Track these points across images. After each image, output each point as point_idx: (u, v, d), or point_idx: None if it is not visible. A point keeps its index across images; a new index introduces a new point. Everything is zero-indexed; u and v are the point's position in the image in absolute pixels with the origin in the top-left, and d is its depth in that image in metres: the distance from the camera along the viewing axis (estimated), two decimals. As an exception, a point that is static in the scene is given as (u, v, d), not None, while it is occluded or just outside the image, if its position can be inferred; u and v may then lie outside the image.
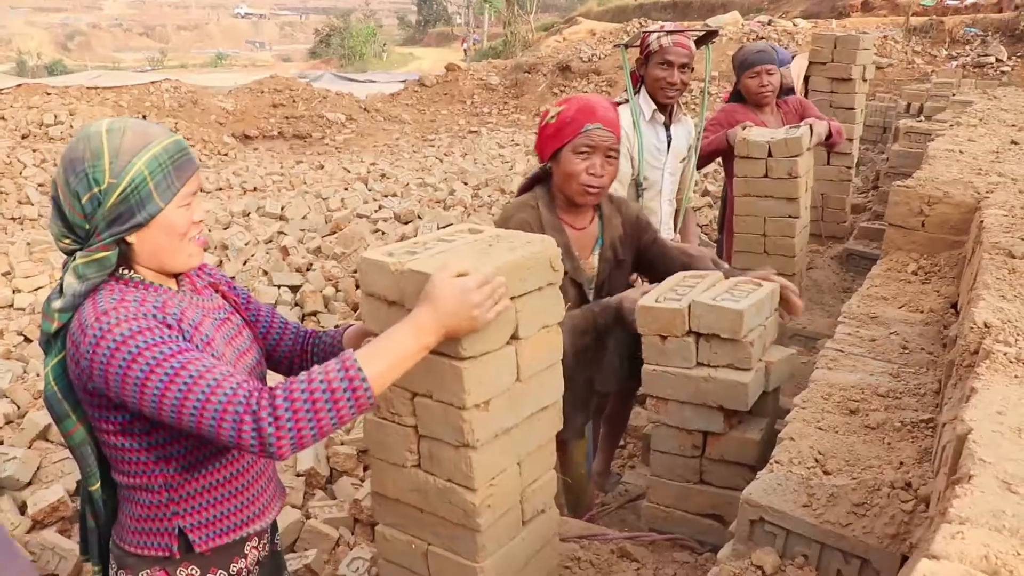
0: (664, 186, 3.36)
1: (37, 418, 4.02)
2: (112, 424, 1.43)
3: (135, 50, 72.14)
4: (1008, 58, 14.22)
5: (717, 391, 2.07)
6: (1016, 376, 1.46)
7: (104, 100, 15.71)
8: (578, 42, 21.72)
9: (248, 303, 1.72)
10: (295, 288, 6.06)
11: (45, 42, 69.09)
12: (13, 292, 6.67)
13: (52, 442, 3.97)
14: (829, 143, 3.93)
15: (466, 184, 9.64)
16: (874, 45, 6.02)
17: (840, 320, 2.56)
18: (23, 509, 3.29)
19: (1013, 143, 3.90)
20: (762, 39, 15.90)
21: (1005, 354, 1.53)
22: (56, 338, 1.42)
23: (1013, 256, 2.19)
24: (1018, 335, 1.65)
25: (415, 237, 4.75)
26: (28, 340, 5.78)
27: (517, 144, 14.10)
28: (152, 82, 17.33)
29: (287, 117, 16.94)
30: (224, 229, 8.11)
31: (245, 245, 7.33)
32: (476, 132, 16.47)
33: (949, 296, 2.67)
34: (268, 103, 17.29)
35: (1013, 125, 4.48)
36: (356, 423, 3.77)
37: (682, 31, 3.27)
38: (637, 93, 3.28)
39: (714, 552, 2.06)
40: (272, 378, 1.60)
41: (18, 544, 0.87)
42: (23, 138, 13.17)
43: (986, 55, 14.43)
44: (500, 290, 1.46)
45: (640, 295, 2.23)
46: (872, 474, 1.66)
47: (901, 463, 1.69)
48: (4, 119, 13.67)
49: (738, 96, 4.17)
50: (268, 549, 1.67)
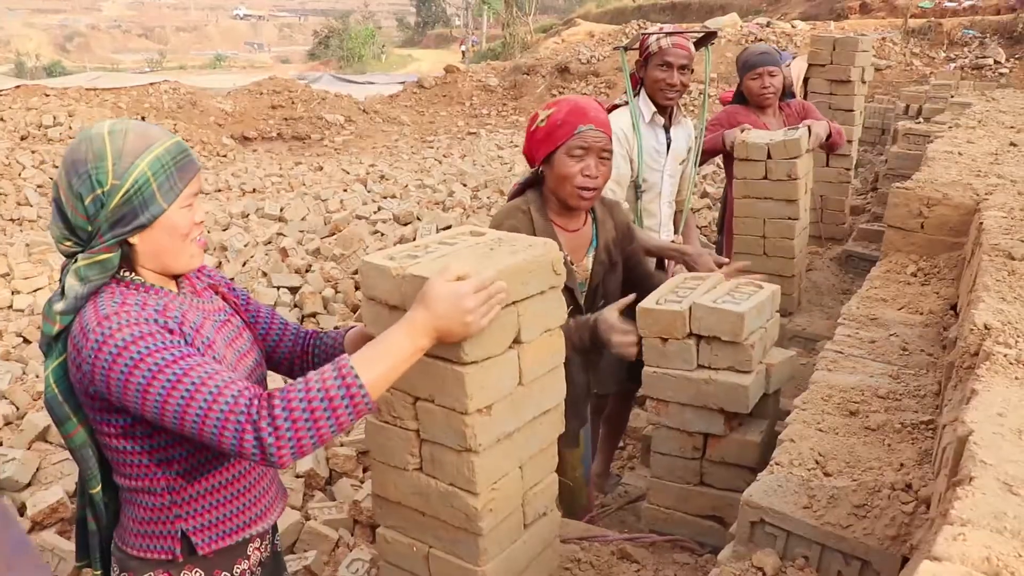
0: (663, 188, 3.36)
1: (36, 419, 4.02)
2: (113, 427, 1.43)
3: (134, 51, 72.07)
4: (1006, 60, 14.25)
5: (718, 393, 2.08)
6: (1016, 378, 1.46)
7: (103, 102, 15.69)
8: (577, 44, 21.72)
9: (248, 304, 1.72)
10: (294, 289, 6.06)
11: (44, 43, 69.03)
12: (12, 294, 6.66)
13: (51, 443, 3.97)
14: (829, 143, 3.94)
15: (465, 185, 9.63)
16: (872, 47, 6.03)
17: (840, 322, 2.56)
18: (22, 510, 3.29)
19: (1012, 145, 3.91)
20: (760, 41, 15.92)
21: (1005, 356, 1.53)
22: (57, 341, 1.42)
23: (1013, 258, 2.19)
24: (1018, 337, 1.65)
25: (415, 239, 4.76)
26: (27, 341, 5.77)
27: (516, 146, 14.09)
28: (151, 83, 17.30)
29: (286, 118, 16.92)
30: (223, 230, 8.10)
31: (244, 246, 7.32)
32: (475, 134, 16.46)
33: (948, 298, 2.67)
34: (267, 104, 17.27)
35: (1012, 127, 4.48)
36: (357, 425, 3.76)
37: (681, 33, 3.27)
38: (637, 95, 3.28)
39: (714, 553, 2.06)
40: (272, 378, 1.60)
41: (33, 545, 0.86)
42: (22, 139, 13.15)
43: (984, 57, 14.46)
44: (500, 295, 1.45)
45: (616, 316, 2.17)
46: (872, 476, 1.66)
47: (901, 465, 1.70)
48: (3, 120, 13.65)
49: (740, 97, 4.17)
50: (270, 550, 1.67)
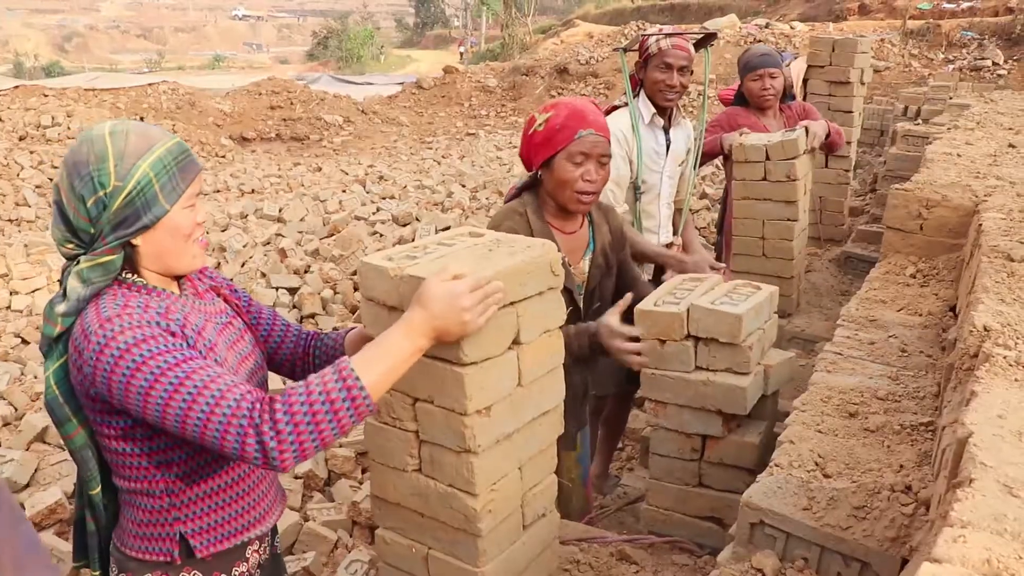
0: (662, 189, 3.36)
1: (35, 420, 4.01)
2: (113, 429, 1.43)
3: (132, 52, 72.04)
4: (1004, 61, 14.28)
5: (716, 395, 2.08)
6: (1016, 379, 1.46)
7: (102, 102, 15.68)
8: (576, 44, 21.73)
9: (250, 306, 1.72)
10: (293, 290, 6.06)
11: (42, 43, 68.98)
12: (10, 294, 6.65)
13: (50, 444, 3.96)
14: (828, 142, 3.93)
15: (464, 186, 9.63)
16: (871, 48, 6.03)
17: (839, 323, 2.56)
18: (21, 512, 3.29)
19: (1011, 146, 3.91)
20: (759, 42, 15.93)
21: (1005, 357, 1.53)
22: (58, 342, 1.42)
23: (1012, 259, 2.19)
24: (1018, 338, 1.65)
25: (413, 240, 4.76)
26: (25, 342, 5.76)
27: (515, 147, 14.08)
28: (150, 84, 17.30)
29: (285, 119, 16.91)
30: (222, 231, 8.10)
31: (243, 247, 7.32)
32: (474, 134, 16.47)
33: (947, 299, 2.67)
34: (266, 105, 17.27)
35: (1010, 128, 4.49)
36: (356, 426, 3.75)
37: (681, 34, 3.27)
38: (636, 96, 3.28)
39: (713, 555, 2.06)
40: (273, 380, 1.59)
41: (44, 545, 0.86)
42: (20, 140, 13.15)
43: (983, 58, 14.48)
44: (497, 295, 1.45)
45: (618, 321, 2.17)
46: (872, 477, 1.66)
47: (901, 466, 1.70)
48: (1, 121, 13.65)
49: (741, 99, 4.17)
50: (269, 552, 1.67)
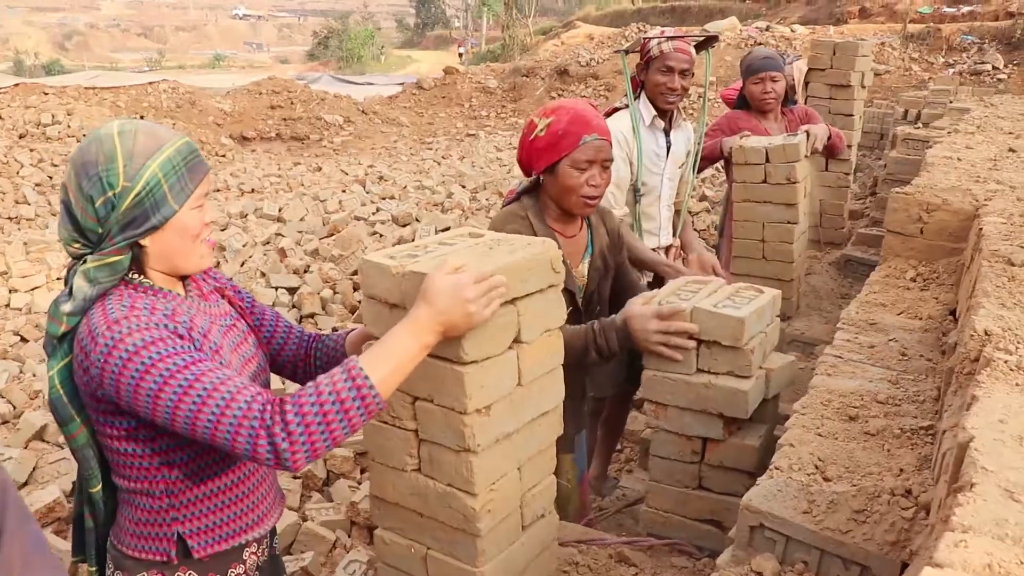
0: (663, 191, 3.36)
1: (33, 418, 4.01)
2: (117, 429, 1.43)
3: (133, 50, 72.10)
4: (1005, 66, 14.30)
5: (717, 398, 2.07)
6: (1017, 384, 1.46)
7: (102, 100, 15.68)
8: (576, 46, 21.75)
9: (253, 308, 1.72)
10: (292, 290, 6.05)
11: (42, 42, 69.03)
12: (9, 292, 6.65)
13: (48, 443, 3.96)
14: (829, 145, 3.94)
15: (464, 187, 9.63)
16: (872, 52, 6.03)
17: (839, 326, 2.56)
18: (19, 510, 3.28)
19: (1011, 151, 3.91)
20: (760, 45, 15.95)
21: (1006, 362, 1.53)
22: (62, 342, 1.41)
23: (1012, 264, 2.19)
24: (1018, 343, 1.65)
25: (413, 240, 4.76)
26: (24, 340, 5.76)
27: (515, 147, 14.02)
28: (150, 83, 17.31)
29: (285, 119, 16.92)
30: (221, 230, 8.09)
31: (243, 247, 7.32)
32: (474, 135, 16.47)
33: (948, 303, 2.67)
34: (266, 105, 17.27)
35: (1010, 133, 4.49)
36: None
37: (683, 37, 3.27)
38: (637, 98, 3.28)
39: (712, 558, 2.06)
40: (274, 381, 1.59)
41: (49, 545, 0.86)
42: (20, 138, 13.14)
43: (983, 62, 14.52)
44: (500, 289, 1.45)
45: (643, 304, 2.14)
46: (872, 481, 1.66)
47: (901, 470, 1.69)
48: (1, 119, 13.65)
49: (743, 101, 4.17)
50: (267, 554, 1.67)
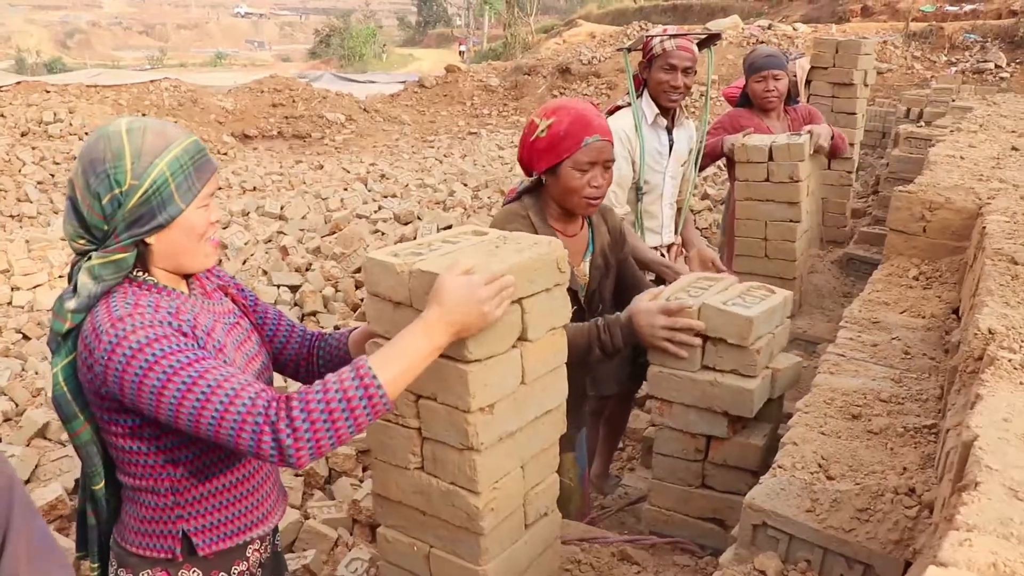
0: (665, 190, 3.36)
1: (35, 416, 4.01)
2: (121, 427, 1.43)
3: (135, 49, 72.14)
4: (1007, 64, 14.28)
5: (723, 396, 2.06)
6: (1021, 383, 1.46)
7: (104, 98, 15.68)
8: (578, 44, 21.72)
9: (256, 306, 1.72)
10: (294, 288, 6.05)
11: (44, 40, 69.06)
12: (11, 290, 6.67)
13: (50, 440, 3.96)
14: (832, 144, 3.93)
15: (466, 185, 9.63)
16: (874, 50, 6.03)
17: (842, 325, 2.55)
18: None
19: (1014, 149, 3.91)
20: (762, 43, 15.93)
21: (1010, 360, 1.52)
22: (66, 339, 1.41)
23: (1016, 263, 2.18)
24: (1022, 342, 1.64)
25: (415, 238, 4.75)
26: (26, 338, 5.77)
27: (516, 146, 14.06)
28: (152, 81, 17.32)
29: (287, 117, 16.92)
30: (223, 228, 8.09)
31: (244, 245, 7.32)
32: (476, 133, 16.47)
33: (951, 302, 2.66)
34: (268, 103, 17.27)
35: (1013, 131, 4.48)
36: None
37: (685, 35, 3.27)
38: (639, 96, 3.28)
39: (714, 556, 2.06)
40: (277, 380, 1.59)
41: (56, 540, 0.87)
42: (22, 136, 13.14)
43: (985, 61, 14.49)
44: (509, 289, 1.45)
45: (650, 300, 2.14)
46: (875, 479, 1.66)
47: (904, 469, 1.69)
48: (3, 116, 13.65)
49: (746, 99, 4.17)
50: (270, 551, 1.67)
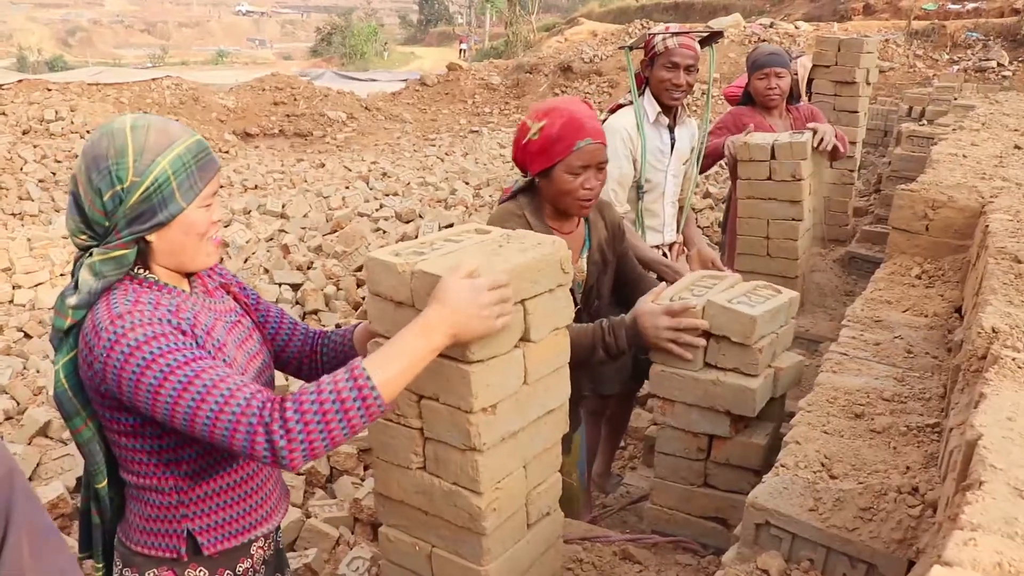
0: (667, 188, 3.35)
1: (37, 414, 4.02)
2: (123, 425, 1.43)
3: (136, 47, 72.18)
4: (1010, 63, 14.26)
5: (725, 395, 2.06)
6: (1025, 382, 1.45)
7: (105, 97, 15.70)
8: (579, 43, 21.72)
9: (258, 304, 1.72)
10: (296, 286, 6.06)
11: (46, 38, 69.10)
12: (13, 288, 6.67)
13: (52, 439, 3.96)
14: (832, 147, 3.91)
15: (467, 184, 9.63)
16: (876, 49, 6.02)
17: (844, 323, 2.55)
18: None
19: (1016, 147, 3.90)
20: (764, 41, 15.91)
21: (1014, 359, 1.52)
22: (68, 335, 1.41)
23: (1019, 261, 2.18)
24: (1026, 341, 1.64)
25: (416, 237, 4.74)
26: (28, 336, 5.77)
27: (516, 145, 14.05)
28: (153, 79, 17.35)
29: (288, 115, 16.92)
30: (225, 227, 8.10)
31: (246, 243, 7.33)
32: (477, 132, 16.47)
33: (953, 300, 2.66)
34: (269, 101, 17.28)
35: (1016, 130, 4.47)
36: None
37: (687, 33, 3.26)
38: (641, 95, 3.27)
39: (717, 555, 2.06)
40: (279, 379, 1.59)
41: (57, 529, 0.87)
42: (24, 134, 13.16)
43: (987, 59, 14.47)
44: (508, 304, 1.44)
45: (652, 302, 2.13)
46: (878, 479, 1.65)
47: (907, 468, 1.68)
48: (5, 115, 13.67)
49: (748, 97, 4.16)
50: (273, 548, 1.67)
